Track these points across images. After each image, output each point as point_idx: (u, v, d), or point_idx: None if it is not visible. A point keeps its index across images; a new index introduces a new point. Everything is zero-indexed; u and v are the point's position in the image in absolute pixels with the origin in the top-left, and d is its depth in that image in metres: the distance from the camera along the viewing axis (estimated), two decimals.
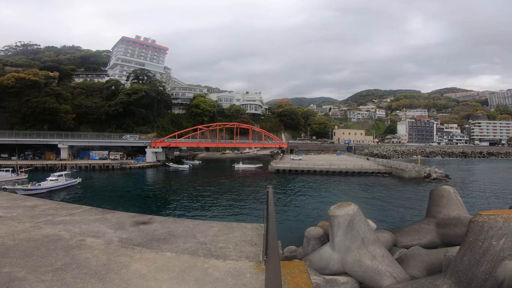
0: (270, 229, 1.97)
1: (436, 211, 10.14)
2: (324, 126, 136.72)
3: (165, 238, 4.83)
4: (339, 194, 31.18)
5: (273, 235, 1.87)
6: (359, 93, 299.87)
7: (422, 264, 7.69)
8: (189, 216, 21.38)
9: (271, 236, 1.84)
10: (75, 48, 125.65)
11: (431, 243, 9.47)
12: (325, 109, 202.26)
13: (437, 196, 10.47)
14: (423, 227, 10.08)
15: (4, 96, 62.35)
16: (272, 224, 2.08)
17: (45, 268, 3.08)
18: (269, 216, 2.24)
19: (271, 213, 2.31)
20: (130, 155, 64.73)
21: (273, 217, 2.22)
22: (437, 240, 9.48)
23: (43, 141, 57.23)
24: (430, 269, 7.45)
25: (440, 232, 9.46)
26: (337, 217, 7.59)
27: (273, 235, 1.88)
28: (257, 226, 6.05)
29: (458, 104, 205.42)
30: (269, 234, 1.87)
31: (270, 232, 1.89)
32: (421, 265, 7.68)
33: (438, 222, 9.73)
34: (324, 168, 46.75)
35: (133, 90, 75.16)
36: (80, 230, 4.97)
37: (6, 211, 6.03)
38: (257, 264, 3.55)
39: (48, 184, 30.11)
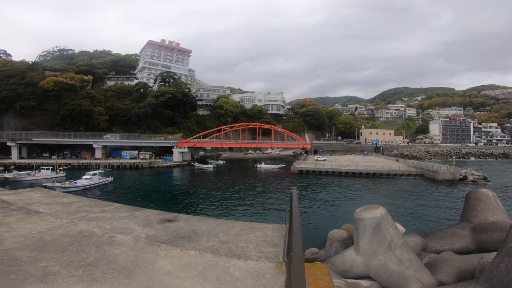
0: (295, 230, 1.96)
1: (473, 215, 9.63)
2: (350, 126, 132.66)
3: (189, 236, 4.99)
4: (366, 196, 30.14)
5: (297, 237, 1.86)
6: (387, 91, 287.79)
7: (453, 270, 7.27)
8: (212, 214, 21.84)
9: (295, 238, 1.83)
10: (106, 52, 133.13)
11: (465, 248, 8.99)
12: (350, 109, 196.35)
13: (474, 199, 9.90)
14: (456, 232, 9.56)
15: (45, 99, 67.56)
16: (296, 225, 2.07)
17: (78, 263, 3.26)
18: (293, 217, 2.23)
19: (295, 214, 2.30)
20: (158, 154, 67.35)
21: (297, 218, 2.21)
22: (472, 246, 9.01)
23: (79, 141, 61.49)
24: (461, 276, 7.04)
25: (476, 237, 8.97)
26: (363, 220, 7.40)
27: (298, 236, 1.87)
28: (278, 227, 6.06)
29: (497, 102, 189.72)
30: (293, 235, 1.86)
31: (295, 234, 1.88)
32: (452, 271, 7.26)
33: (474, 227, 9.22)
34: (350, 169, 45.40)
35: (160, 92, 78.18)
36: (111, 227, 5.29)
37: (46, 207, 6.56)
38: (277, 265, 3.56)
39: (83, 182, 32.20)
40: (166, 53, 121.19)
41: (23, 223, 4.57)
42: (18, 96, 65.64)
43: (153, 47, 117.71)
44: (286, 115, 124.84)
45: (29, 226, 4.44)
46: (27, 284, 2.74)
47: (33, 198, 7.72)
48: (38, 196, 8.05)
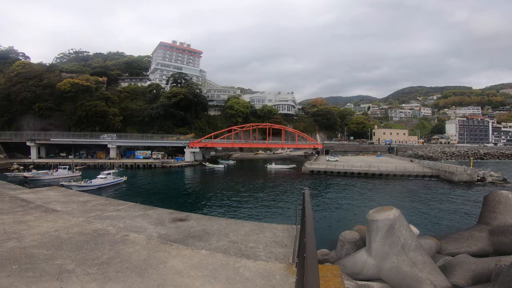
0: (308, 232, 1.93)
1: (491, 218, 9.37)
2: (363, 125, 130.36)
3: (200, 236, 5.05)
4: (379, 197, 29.59)
5: (311, 238, 1.83)
6: (400, 90, 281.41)
7: (468, 273, 7.06)
8: (222, 214, 21.98)
9: (309, 239, 1.81)
10: (119, 54, 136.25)
11: (481, 251, 8.74)
12: (363, 108, 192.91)
13: (493, 201, 9.61)
14: (473, 234, 9.30)
15: (62, 100, 69.80)
16: (309, 226, 2.05)
17: (92, 261, 3.34)
18: (306, 218, 2.21)
19: (308, 215, 2.28)
20: (171, 154, 68.36)
21: (310, 219, 2.19)
22: (489, 249, 8.76)
23: (94, 142, 63.25)
24: (477, 279, 6.83)
25: (494, 240, 8.72)
26: (376, 222, 7.29)
27: (311, 238, 1.84)
28: (288, 227, 6.04)
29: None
30: (307, 236, 1.84)
31: (308, 235, 1.86)
32: (467, 274, 7.05)
33: (492, 229, 8.96)
34: (362, 170, 44.66)
35: (172, 93, 79.36)
36: (124, 225, 5.42)
37: (62, 206, 6.80)
38: (288, 266, 3.55)
39: (98, 182, 33.09)
40: (178, 54, 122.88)
41: (41, 221, 4.72)
42: (37, 98, 68.03)
43: (165, 49, 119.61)
44: (297, 115, 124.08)
45: (47, 224, 4.57)
46: (42, 281, 2.80)
47: (51, 196, 8.01)
48: (55, 194, 8.35)
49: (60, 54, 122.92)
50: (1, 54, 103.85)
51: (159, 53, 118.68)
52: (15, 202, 5.90)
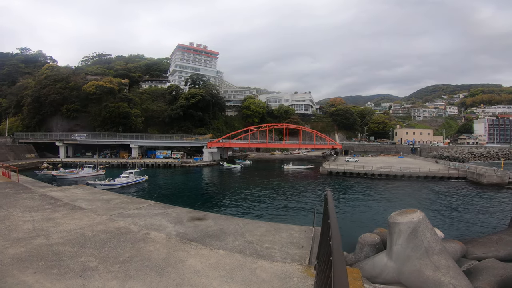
0: (333, 234, 1.87)
1: None
2: (384, 125, 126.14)
3: (217, 235, 5.11)
4: (401, 200, 28.56)
5: (337, 240, 1.79)
6: (424, 88, 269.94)
7: (495, 278, 6.66)
8: (239, 214, 22.10)
9: (335, 241, 1.76)
10: (140, 57, 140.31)
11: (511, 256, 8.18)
12: (384, 107, 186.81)
13: None
14: (503, 238, 8.79)
15: (88, 102, 72.85)
16: (334, 228, 2.00)
17: (114, 259, 3.42)
18: (331, 220, 2.15)
19: (332, 216, 2.23)
20: (190, 154, 69.72)
21: (334, 221, 2.14)
22: None
23: (118, 142, 65.77)
24: (504, 284, 6.44)
25: None
26: (398, 225, 7.06)
27: (337, 240, 1.80)
28: (305, 228, 5.97)
29: None
30: (333, 239, 1.79)
31: (334, 238, 1.80)
32: (493, 279, 6.66)
33: None
34: (383, 171, 43.29)
35: (191, 94, 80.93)
36: (145, 223, 5.60)
37: (88, 204, 7.12)
38: (306, 268, 3.49)
39: (121, 181, 34.33)
40: (195, 56, 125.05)
41: (67, 219, 4.93)
42: (65, 100, 71.49)
43: (183, 51, 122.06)
44: (315, 115, 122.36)
45: (73, 222, 4.77)
46: (66, 279, 2.89)
47: (77, 194, 8.42)
48: (81, 192, 8.77)
49: (85, 57, 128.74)
50: (31, 58, 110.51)
51: (177, 55, 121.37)
52: (44, 199, 6.23)
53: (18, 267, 3.08)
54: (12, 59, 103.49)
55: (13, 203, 5.84)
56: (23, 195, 6.65)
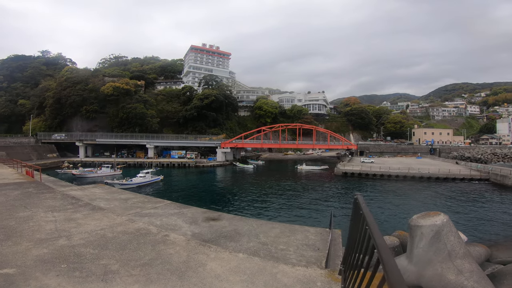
0: (378, 241, 1.79)
1: None
2: (401, 125, 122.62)
3: (231, 236, 5.10)
4: (419, 202, 27.67)
5: (386, 250, 1.69)
6: (443, 87, 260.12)
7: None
8: (252, 214, 22.10)
9: (381, 248, 1.67)
10: (155, 58, 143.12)
11: None
12: (401, 107, 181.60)
13: None
14: None
15: (106, 103, 75.13)
16: (377, 234, 1.91)
17: (135, 262, 3.38)
18: (370, 225, 2.05)
19: (371, 221, 2.12)
20: (203, 154, 70.53)
21: (375, 226, 2.04)
22: None
23: (134, 142, 67.52)
24: None
25: None
26: (420, 228, 6.83)
27: (386, 249, 1.70)
28: (321, 231, 5.86)
29: None
30: (379, 247, 1.69)
31: (380, 246, 1.72)
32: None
33: None
34: (401, 172, 42.06)
35: (204, 95, 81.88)
36: (161, 223, 5.67)
37: (106, 203, 7.30)
38: (329, 273, 3.36)
39: (138, 180, 35.15)
40: (208, 57, 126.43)
41: (88, 219, 4.98)
42: (84, 101, 73.95)
43: (196, 52, 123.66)
44: (329, 115, 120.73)
45: (94, 223, 4.81)
46: (88, 282, 2.87)
47: (96, 194, 8.67)
48: (100, 192, 9.02)
49: (102, 59, 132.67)
50: (52, 60, 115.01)
51: (190, 56, 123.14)
52: (66, 199, 6.41)
53: (41, 269, 3.10)
54: (34, 62, 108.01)
55: (36, 203, 6.02)
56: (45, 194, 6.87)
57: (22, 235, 4.08)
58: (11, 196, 6.64)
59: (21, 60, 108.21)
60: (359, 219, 2.44)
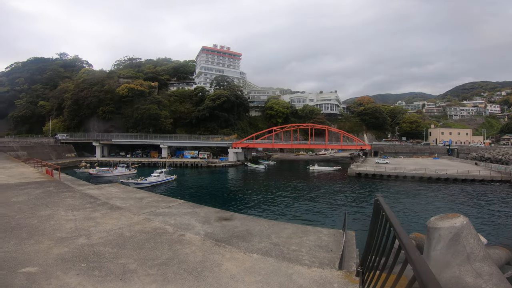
0: (405, 241, 1.78)
1: None
2: (417, 125, 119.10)
3: (243, 236, 5.11)
4: (437, 203, 26.86)
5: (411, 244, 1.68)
6: (460, 86, 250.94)
7: None
8: (264, 214, 22.07)
9: (410, 248, 1.66)
10: (167, 60, 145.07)
11: None
12: (417, 106, 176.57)
13: None
14: None
15: (121, 104, 76.84)
16: (403, 233, 1.90)
17: (152, 261, 3.41)
18: (395, 226, 2.04)
19: (395, 222, 2.11)
20: (215, 154, 71.06)
21: (400, 228, 2.02)
22: None
23: (148, 142, 68.89)
24: None
25: None
26: (438, 230, 6.64)
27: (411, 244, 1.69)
28: (334, 232, 5.80)
29: None
30: (407, 247, 1.69)
31: (407, 245, 1.70)
32: None
33: None
34: (417, 173, 40.97)
35: (216, 95, 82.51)
36: (175, 222, 5.75)
37: (122, 202, 7.47)
38: (346, 274, 3.30)
39: (152, 180, 35.82)
40: (219, 58, 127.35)
41: (107, 218, 5.10)
42: (100, 102, 75.90)
43: (207, 53, 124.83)
44: (342, 115, 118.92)
45: (112, 222, 4.91)
46: (107, 281, 2.91)
47: (112, 193, 8.90)
48: (116, 191, 9.26)
49: (117, 61, 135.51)
50: (69, 63, 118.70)
51: (202, 57, 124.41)
52: (84, 198, 6.59)
53: (62, 267, 3.15)
54: (53, 64, 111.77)
55: (56, 202, 6.21)
56: (65, 193, 7.10)
57: (43, 234, 4.19)
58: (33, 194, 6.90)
59: (40, 62, 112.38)
60: (381, 220, 2.41)
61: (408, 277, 1.80)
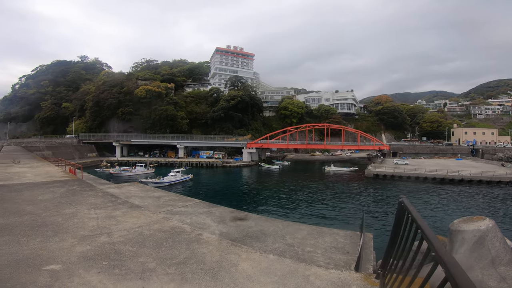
0: (435, 243, 1.75)
1: None
2: (438, 124, 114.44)
3: (257, 236, 5.11)
4: (459, 206, 25.75)
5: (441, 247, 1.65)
6: (485, 84, 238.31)
7: None
8: (278, 215, 21.99)
9: (441, 251, 1.64)
10: (183, 62, 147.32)
11: None
12: (438, 105, 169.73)
13: None
14: None
15: (139, 105, 79.00)
16: (432, 235, 1.86)
17: (171, 260, 3.44)
18: (424, 228, 2.01)
19: (423, 224, 2.07)
20: (230, 154, 71.61)
21: (429, 229, 1.98)
22: None
23: (166, 142, 70.44)
24: None
25: None
26: (462, 233, 6.35)
27: (441, 247, 1.66)
28: (351, 234, 5.69)
29: None
30: (438, 250, 1.67)
31: (438, 248, 1.68)
32: None
33: None
34: (438, 174, 39.45)
35: (230, 96, 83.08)
36: (191, 221, 5.84)
37: (140, 201, 7.68)
38: (366, 276, 3.23)
39: (169, 179, 36.58)
40: (233, 59, 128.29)
41: (127, 217, 5.22)
42: (120, 103, 78.36)
43: (221, 54, 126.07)
44: (358, 114, 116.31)
45: (132, 220, 5.02)
46: (127, 280, 2.94)
47: (132, 191, 9.17)
48: (135, 190, 9.53)
49: (135, 63, 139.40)
50: (90, 65, 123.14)
51: (216, 58, 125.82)
52: (106, 197, 6.81)
53: (84, 266, 3.20)
54: (74, 67, 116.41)
55: (80, 200, 6.43)
56: (88, 192, 7.36)
57: (67, 232, 4.32)
58: (58, 193, 7.21)
59: (63, 65, 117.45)
60: (406, 223, 2.37)
61: (433, 282, 1.75)
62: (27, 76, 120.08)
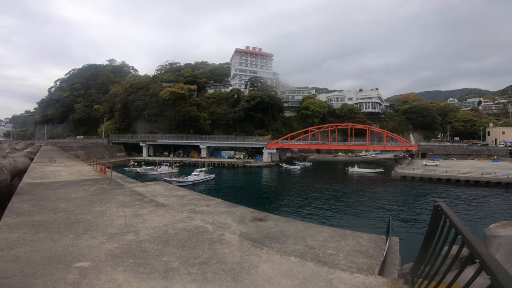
0: (480, 249, 1.70)
1: None
2: (472, 124, 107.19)
3: (277, 237, 5.09)
4: (495, 210, 24.07)
5: (487, 253, 1.60)
6: None
7: None
8: (298, 216, 21.75)
9: (488, 257, 1.60)
10: (204, 63, 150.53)
11: None
12: (471, 103, 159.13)
13: None
14: None
15: (164, 107, 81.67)
16: (475, 241, 1.81)
17: (193, 260, 3.46)
18: (466, 234, 1.95)
19: (464, 230, 2.01)
20: (251, 155, 72.03)
21: (470, 233, 1.92)
22: None
23: (189, 143, 72.41)
24: None
25: None
26: (498, 238, 5.95)
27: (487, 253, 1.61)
28: (375, 237, 5.51)
29: None
30: (484, 256, 1.63)
31: (484, 254, 1.63)
32: None
33: None
34: (472, 177, 37.09)
35: (250, 97, 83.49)
36: (212, 220, 5.95)
37: (165, 199, 7.94)
38: (393, 282, 3.09)
39: (192, 178, 37.55)
40: (252, 59, 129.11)
41: (153, 216, 5.33)
42: (146, 105, 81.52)
43: (240, 55, 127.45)
44: (384, 113, 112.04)
45: (157, 219, 5.12)
46: (151, 279, 2.98)
47: (157, 190, 9.52)
48: (160, 188, 9.88)
49: (159, 66, 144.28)
50: (117, 68, 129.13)
51: (236, 60, 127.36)
52: (133, 195, 7.07)
53: (111, 263, 3.28)
54: (104, 70, 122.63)
55: (109, 198, 6.72)
56: (117, 190, 7.67)
57: (97, 229, 4.47)
58: (89, 191, 7.60)
59: (93, 68, 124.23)
60: (443, 227, 2.29)
61: None
62: (61, 80, 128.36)
